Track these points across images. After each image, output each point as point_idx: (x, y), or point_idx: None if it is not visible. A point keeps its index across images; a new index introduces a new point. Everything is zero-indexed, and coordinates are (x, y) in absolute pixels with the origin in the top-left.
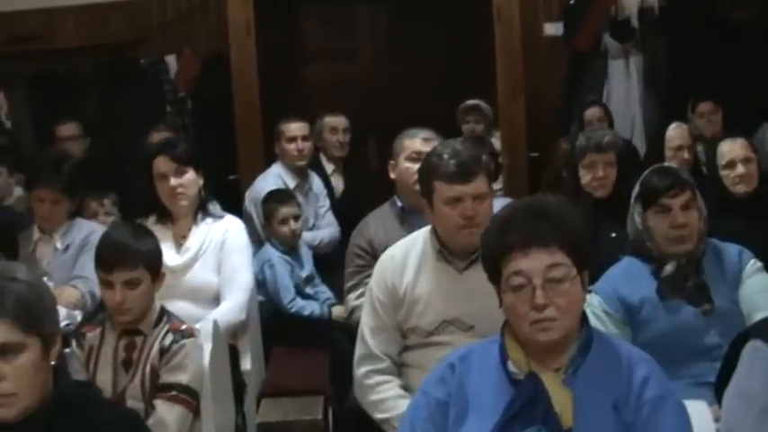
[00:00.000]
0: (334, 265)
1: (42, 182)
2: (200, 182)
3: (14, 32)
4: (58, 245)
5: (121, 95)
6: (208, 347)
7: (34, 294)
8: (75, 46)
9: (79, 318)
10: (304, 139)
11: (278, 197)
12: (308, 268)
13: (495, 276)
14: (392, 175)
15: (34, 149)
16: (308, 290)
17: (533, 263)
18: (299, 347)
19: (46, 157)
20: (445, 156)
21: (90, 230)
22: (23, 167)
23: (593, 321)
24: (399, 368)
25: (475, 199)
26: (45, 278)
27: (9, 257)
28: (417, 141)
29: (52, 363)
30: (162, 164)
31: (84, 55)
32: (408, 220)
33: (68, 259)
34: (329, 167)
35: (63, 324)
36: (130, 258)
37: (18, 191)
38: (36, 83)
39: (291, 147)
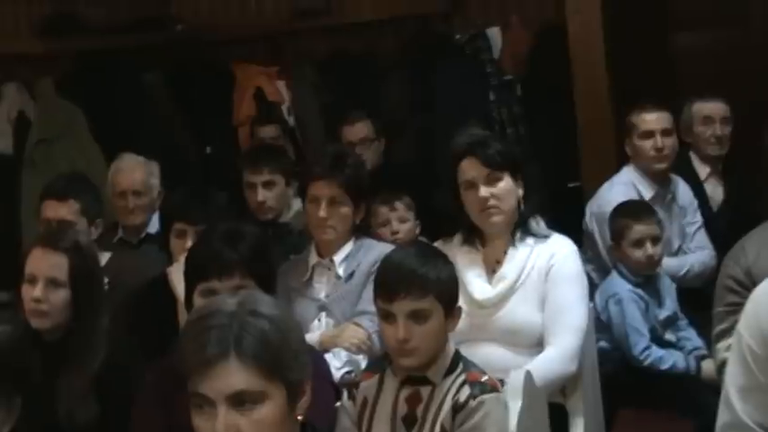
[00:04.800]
0: (708, 304)
1: (317, 174)
2: (520, 192)
3: (299, 5)
4: (340, 272)
5: (431, 80)
6: (516, 406)
7: (280, 333)
8: (373, 19)
9: (363, 364)
10: (666, 133)
11: (630, 211)
12: (669, 306)
13: None
14: None
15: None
16: (669, 335)
17: None
18: (655, 412)
19: (327, 152)
20: None
21: (380, 254)
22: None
23: None
24: None
25: None
26: (323, 313)
27: (262, 285)
28: None
29: (299, 418)
30: (469, 168)
31: (384, 30)
32: None
33: (352, 290)
34: (702, 171)
35: (343, 371)
36: (416, 285)
37: (298, 204)
38: (326, 67)
39: (648, 144)
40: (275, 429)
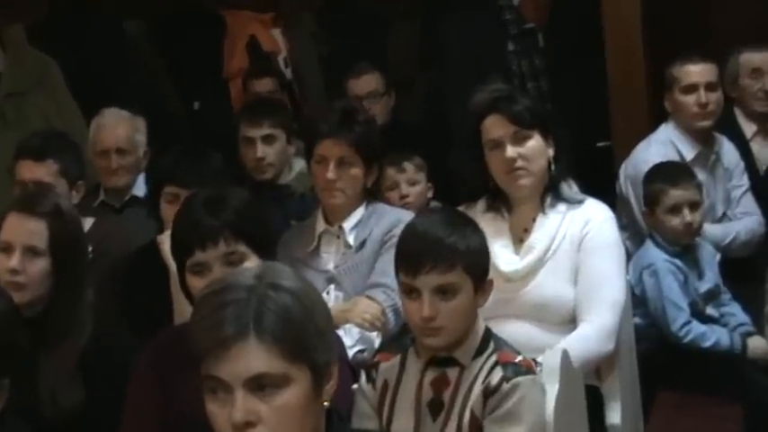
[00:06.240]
0: (754, 275)
1: (325, 132)
2: (550, 152)
3: None
4: (351, 240)
5: (443, 29)
6: (553, 390)
7: (304, 309)
8: None
9: (377, 342)
10: (710, 87)
11: (666, 174)
12: (710, 278)
13: None
14: None
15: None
16: (711, 310)
17: None
18: (697, 394)
19: (334, 108)
20: None
21: (395, 220)
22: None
23: None
24: None
25: None
26: (332, 286)
27: (257, 250)
28: None
29: (325, 404)
30: (494, 126)
31: None
32: None
33: (363, 260)
34: (749, 129)
35: (355, 350)
36: (443, 257)
37: (300, 164)
38: (326, 16)
39: (690, 99)
40: (299, 416)
